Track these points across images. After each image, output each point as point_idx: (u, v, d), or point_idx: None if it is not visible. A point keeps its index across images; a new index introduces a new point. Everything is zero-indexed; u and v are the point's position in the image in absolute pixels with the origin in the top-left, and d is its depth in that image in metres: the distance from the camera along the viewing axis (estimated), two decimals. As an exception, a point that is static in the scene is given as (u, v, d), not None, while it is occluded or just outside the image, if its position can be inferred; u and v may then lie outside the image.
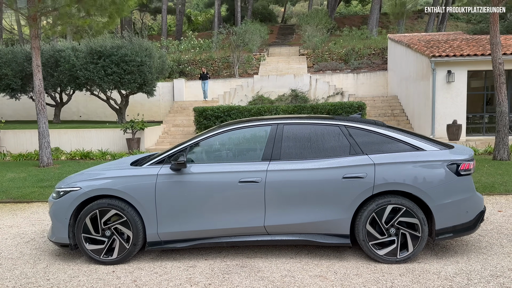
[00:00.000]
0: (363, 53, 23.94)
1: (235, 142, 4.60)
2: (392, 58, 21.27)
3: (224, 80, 23.00)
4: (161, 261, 4.53)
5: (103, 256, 4.44)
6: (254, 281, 3.95)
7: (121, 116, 19.66)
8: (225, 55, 25.05)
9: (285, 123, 4.55)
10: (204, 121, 15.39)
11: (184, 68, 24.43)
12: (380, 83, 22.06)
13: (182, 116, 19.93)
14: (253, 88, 20.23)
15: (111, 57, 17.55)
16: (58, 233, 4.50)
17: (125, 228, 4.41)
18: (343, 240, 4.32)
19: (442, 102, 15.13)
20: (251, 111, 15.09)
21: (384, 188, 4.20)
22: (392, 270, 4.12)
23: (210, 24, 53.25)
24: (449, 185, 4.22)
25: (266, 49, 27.15)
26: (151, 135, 17.37)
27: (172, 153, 4.54)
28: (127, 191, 4.36)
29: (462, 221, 4.27)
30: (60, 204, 4.48)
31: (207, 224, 4.37)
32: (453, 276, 3.94)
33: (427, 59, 15.49)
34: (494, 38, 9.44)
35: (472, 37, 19.30)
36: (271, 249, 4.78)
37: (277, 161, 4.39)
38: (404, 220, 4.22)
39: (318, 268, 4.20)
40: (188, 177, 4.37)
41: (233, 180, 4.32)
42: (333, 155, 4.38)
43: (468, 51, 15.10)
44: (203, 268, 4.29)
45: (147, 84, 18.75)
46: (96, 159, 12.81)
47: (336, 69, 22.89)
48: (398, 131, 4.50)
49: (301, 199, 4.28)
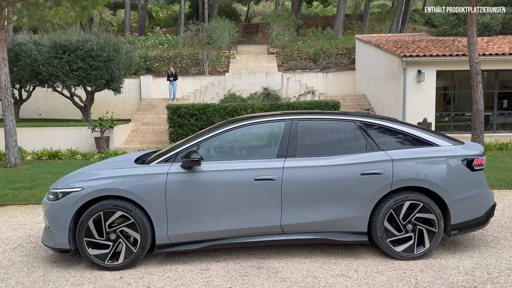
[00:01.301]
0: (331, 53, 24.26)
1: (248, 138, 4.41)
2: (360, 58, 21.67)
3: (194, 78, 22.58)
4: (171, 265, 4.27)
5: (108, 262, 4.12)
6: (276, 282, 3.79)
7: (86, 114, 18.83)
8: (194, 52, 24.60)
9: (299, 118, 4.42)
10: (178, 119, 14.99)
11: (151, 64, 23.76)
12: (349, 83, 22.44)
13: (152, 114, 19.36)
14: (225, 86, 19.97)
15: (77, 51, 16.75)
16: (57, 238, 4.13)
17: (132, 231, 4.11)
18: (360, 237, 4.25)
19: (413, 100, 15.56)
20: (227, 109, 14.86)
21: (402, 184, 4.16)
22: (411, 266, 4.09)
23: (173, 21, 52.29)
24: (464, 180, 4.25)
25: (234, 47, 26.92)
26: (120, 133, 16.74)
27: (182, 150, 4.28)
28: (135, 191, 4.07)
29: (476, 216, 4.32)
30: (59, 206, 4.12)
31: (221, 224, 4.17)
32: (472, 270, 3.96)
33: (397, 59, 15.88)
34: (471, 38, 9.78)
35: (436, 38, 20.01)
36: (283, 249, 4.64)
37: (293, 157, 4.25)
38: (421, 216, 4.20)
39: (337, 267, 4.11)
40: (200, 175, 4.14)
41: (248, 178, 4.14)
42: (349, 151, 4.29)
43: (437, 51, 15.62)
44: (218, 271, 4.08)
45: (115, 80, 18.07)
46: (66, 158, 12.15)
47: (306, 68, 23.06)
48: (412, 127, 4.49)
49: (318, 197, 4.17)
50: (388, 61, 17.04)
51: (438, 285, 3.67)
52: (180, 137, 15.04)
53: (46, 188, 7.93)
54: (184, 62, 24.45)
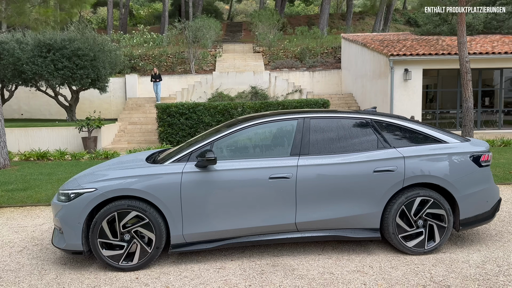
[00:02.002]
0: (316, 51, 24.44)
1: (261, 137, 4.43)
2: (346, 57, 21.91)
3: (180, 76, 22.42)
4: (185, 264, 4.25)
5: (123, 262, 4.08)
6: (294, 280, 3.82)
7: (72, 113, 18.49)
8: (179, 50, 24.41)
9: (311, 116, 4.46)
10: (167, 119, 14.87)
11: (136, 63, 23.49)
12: (335, 81, 22.65)
13: (139, 114, 19.15)
14: (212, 84, 19.90)
15: (62, 50, 16.42)
16: (69, 240, 4.07)
17: (147, 231, 4.08)
18: (373, 234, 4.32)
19: (400, 99, 15.83)
20: (217, 108, 14.81)
21: (413, 180, 4.25)
22: (423, 261, 4.18)
23: (154, 19, 51.73)
24: (472, 176, 4.36)
25: (220, 46, 26.84)
26: (108, 133, 16.51)
27: (195, 149, 4.27)
28: (150, 191, 4.04)
29: (483, 211, 4.44)
30: (72, 207, 4.05)
31: (236, 223, 4.17)
32: (482, 264, 4.08)
33: (384, 57, 16.12)
34: (462, 37, 10.02)
35: (420, 37, 20.39)
36: (295, 246, 4.68)
37: (306, 155, 4.28)
38: (431, 212, 4.30)
39: (351, 263, 4.16)
40: (215, 174, 4.14)
41: (263, 176, 4.16)
42: (361, 148, 4.36)
43: (423, 50, 15.92)
44: (234, 269, 4.09)
45: (101, 79, 17.80)
46: (55, 159, 11.91)
47: (292, 67, 23.17)
48: (420, 125, 4.58)
49: (332, 194, 4.22)
50: (375, 60, 17.28)
51: (452, 279, 3.76)
52: (170, 137, 14.92)
53: (41, 189, 7.77)
54: (170, 61, 24.26)
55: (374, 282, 3.74)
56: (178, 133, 14.93)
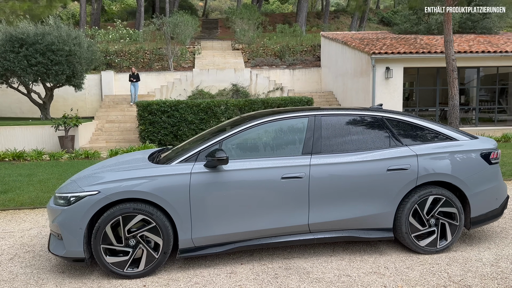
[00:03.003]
0: (296, 49, 24.42)
1: (272, 135, 4.25)
2: (326, 55, 21.97)
3: (158, 73, 21.93)
4: (193, 269, 4.05)
5: (128, 269, 3.84)
6: (311, 283, 3.69)
7: (46, 111, 17.74)
8: (157, 47, 23.87)
9: (323, 114, 4.32)
10: (149, 117, 14.46)
11: (112, 59, 22.82)
12: (314, 79, 22.70)
13: (116, 112, 18.59)
14: (192, 82, 19.55)
15: (35, 45, 15.69)
16: (70, 246, 3.79)
17: (154, 235, 3.85)
18: (386, 234, 4.23)
19: (381, 97, 15.97)
20: (201, 106, 14.51)
21: (426, 179, 4.18)
22: (436, 260, 4.12)
23: (127, 14, 50.55)
24: (482, 173, 4.34)
25: (197, 42, 26.43)
26: (85, 132, 15.94)
27: (203, 149, 4.05)
28: (157, 193, 3.81)
29: (492, 208, 4.43)
30: (73, 212, 3.77)
31: (248, 225, 4.00)
32: (496, 262, 4.06)
33: (366, 56, 16.22)
34: (448, 36, 10.14)
35: (399, 36, 20.66)
36: (304, 248, 4.54)
37: (319, 154, 4.15)
38: (443, 210, 4.25)
39: (366, 265, 4.06)
40: (226, 174, 3.95)
41: (275, 176, 4.00)
42: (373, 147, 4.26)
43: (404, 49, 16.10)
44: (246, 274, 3.92)
45: (76, 76, 17.14)
46: (32, 159, 11.36)
47: (273, 65, 23.06)
48: (430, 122, 4.53)
49: (345, 194, 4.10)
50: (357, 58, 17.37)
51: (470, 278, 3.71)
52: (152, 135, 14.53)
53: (23, 192, 7.35)
54: (147, 57, 23.69)
55: (393, 284, 3.65)
56: (160, 131, 14.55)
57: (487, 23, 20.50)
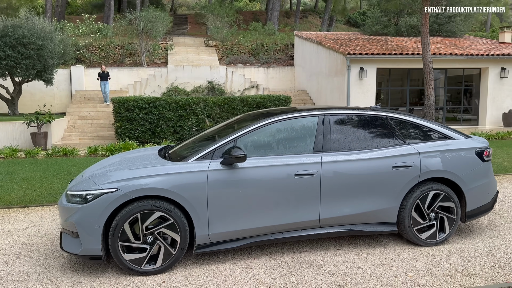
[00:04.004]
0: (270, 48, 24.62)
1: (284, 133, 4.37)
2: (300, 54, 22.30)
3: (131, 69, 21.55)
4: (209, 265, 4.12)
5: (145, 266, 3.87)
6: (327, 276, 3.85)
7: (14, 107, 17.09)
8: (128, 41, 23.40)
9: (331, 113, 4.49)
10: (125, 113, 14.21)
11: (82, 54, 22.18)
12: (288, 78, 23.00)
13: (88, 108, 18.13)
14: (167, 78, 19.34)
15: (5, 38, 15.09)
16: (87, 244, 3.77)
17: (171, 232, 3.89)
18: (390, 227, 4.46)
19: (356, 96, 16.43)
20: (179, 103, 14.41)
21: (428, 175, 4.44)
22: (437, 252, 4.39)
23: (92, 8, 49.08)
24: (477, 170, 4.65)
25: (169, 38, 26.11)
26: (58, 128, 15.47)
27: (219, 146, 4.12)
28: (176, 190, 3.85)
29: (485, 202, 4.76)
30: (90, 209, 3.76)
31: (262, 221, 4.11)
32: (490, 252, 4.37)
33: (341, 56, 16.63)
34: (425, 38, 10.59)
35: (370, 37, 21.28)
36: (312, 242, 4.70)
37: (328, 152, 4.32)
38: (442, 205, 4.53)
39: (373, 257, 4.27)
40: (242, 171, 4.04)
41: (289, 173, 4.13)
42: (379, 145, 4.47)
43: (377, 50, 16.63)
44: (262, 268, 4.03)
45: (47, 71, 16.60)
46: (6, 157, 10.94)
47: (247, 63, 23.16)
48: (429, 121, 4.79)
49: (354, 190, 4.30)
50: (331, 58, 17.77)
51: (472, 267, 3.99)
52: (129, 132, 14.30)
53: (8, 190, 7.12)
54: (118, 53, 23.19)
55: (403, 274, 3.87)
56: (137, 128, 14.35)
57: (452, 26, 21.47)
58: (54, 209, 6.24)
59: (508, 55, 16.78)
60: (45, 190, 7.17)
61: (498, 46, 18.85)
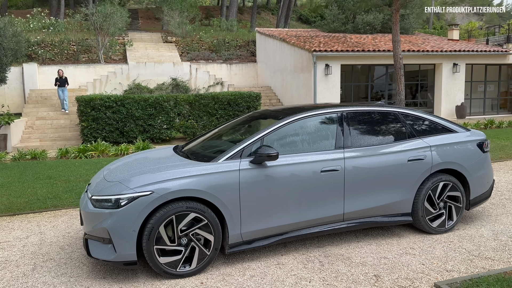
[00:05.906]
0: (231, 44, 24.57)
1: (307, 131, 4.45)
2: (262, 51, 22.44)
3: (88, 66, 20.68)
4: (240, 263, 4.13)
5: (181, 268, 3.82)
6: (358, 267, 3.99)
7: (-38, 107, 15.86)
8: (83, 37, 22.43)
9: (349, 110, 4.64)
10: (92, 112, 13.65)
11: (35, 50, 20.98)
12: (251, 74, 23.09)
13: (46, 107, 17.23)
14: (129, 75, 18.77)
15: (-47, 33, 13.94)
16: (122, 250, 3.65)
17: (206, 232, 3.87)
18: (405, 218, 4.69)
19: (322, 92, 16.84)
20: (149, 101, 14.05)
21: (438, 167, 4.71)
22: (448, 239, 4.67)
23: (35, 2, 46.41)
24: (479, 160, 5.00)
25: (126, 34, 25.30)
26: (16, 130, 14.58)
27: (246, 145, 4.13)
28: (209, 191, 3.83)
29: (485, 190, 5.13)
30: (124, 214, 3.64)
31: (291, 217, 4.19)
32: (496, 236, 4.72)
33: (307, 53, 16.96)
34: (396, 36, 11.08)
35: (329, 34, 21.84)
36: (331, 237, 4.82)
37: (350, 148, 4.46)
38: (450, 194, 4.82)
39: (393, 247, 4.47)
40: (271, 170, 4.08)
41: (315, 170, 4.23)
42: (394, 140, 4.68)
43: (341, 47, 17.13)
44: (294, 263, 4.11)
45: (1, 69, 15.54)
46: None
47: (209, 59, 22.97)
48: (436, 116, 5.07)
49: (375, 184, 4.47)
50: (297, 55, 18.06)
51: (485, 251, 4.30)
52: (95, 132, 13.75)
53: (-12, 197, 6.67)
54: (73, 49, 22.17)
55: (429, 261, 4.09)
56: (104, 128, 13.84)
57: (405, 23, 22.53)
58: (48, 216, 5.94)
59: (459, 51, 17.91)
60: (31, 196, 6.78)
61: (449, 43, 20.06)
